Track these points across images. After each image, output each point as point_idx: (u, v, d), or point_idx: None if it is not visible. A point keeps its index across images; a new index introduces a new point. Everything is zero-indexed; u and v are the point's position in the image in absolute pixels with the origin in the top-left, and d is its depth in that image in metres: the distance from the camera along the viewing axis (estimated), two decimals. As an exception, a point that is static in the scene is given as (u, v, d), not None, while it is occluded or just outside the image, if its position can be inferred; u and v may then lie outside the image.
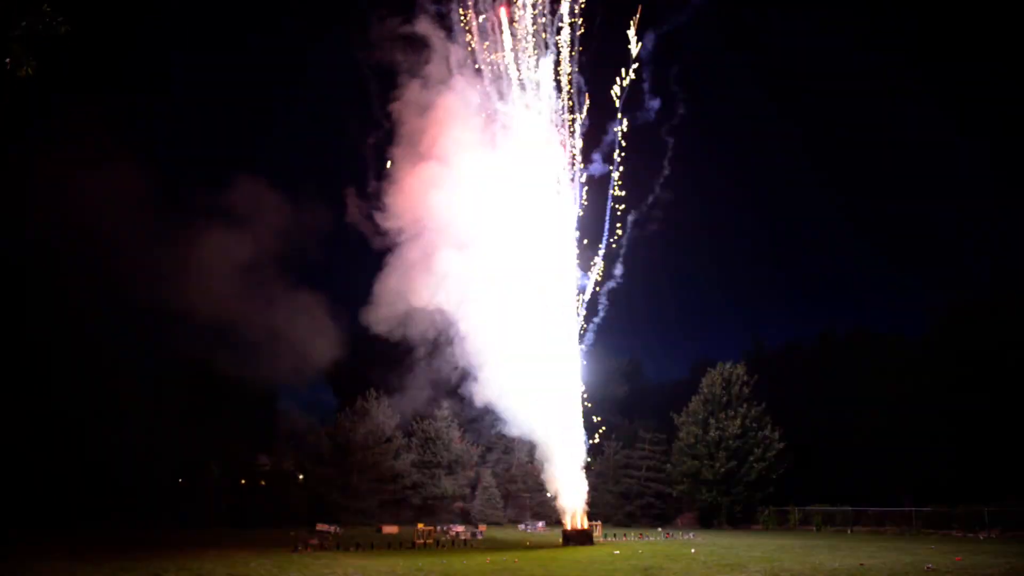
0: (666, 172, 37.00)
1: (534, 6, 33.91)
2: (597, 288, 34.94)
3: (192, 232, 41.61)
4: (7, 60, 10.81)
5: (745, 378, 52.08)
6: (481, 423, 58.58)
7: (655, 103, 35.46)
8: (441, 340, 35.96)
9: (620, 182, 34.83)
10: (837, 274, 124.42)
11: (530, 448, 39.39)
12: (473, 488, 57.53)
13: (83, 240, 40.73)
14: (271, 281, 43.74)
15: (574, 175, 34.66)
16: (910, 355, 52.08)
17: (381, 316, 35.57)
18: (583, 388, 35.29)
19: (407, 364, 47.26)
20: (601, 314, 35.24)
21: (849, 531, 43.65)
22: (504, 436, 54.80)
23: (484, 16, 34.24)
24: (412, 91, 34.37)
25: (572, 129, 34.69)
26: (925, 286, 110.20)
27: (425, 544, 32.92)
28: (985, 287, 52.53)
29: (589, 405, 35.38)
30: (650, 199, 36.58)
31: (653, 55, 34.93)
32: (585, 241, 34.82)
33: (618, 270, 35.14)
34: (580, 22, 33.87)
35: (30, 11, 10.74)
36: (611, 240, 34.73)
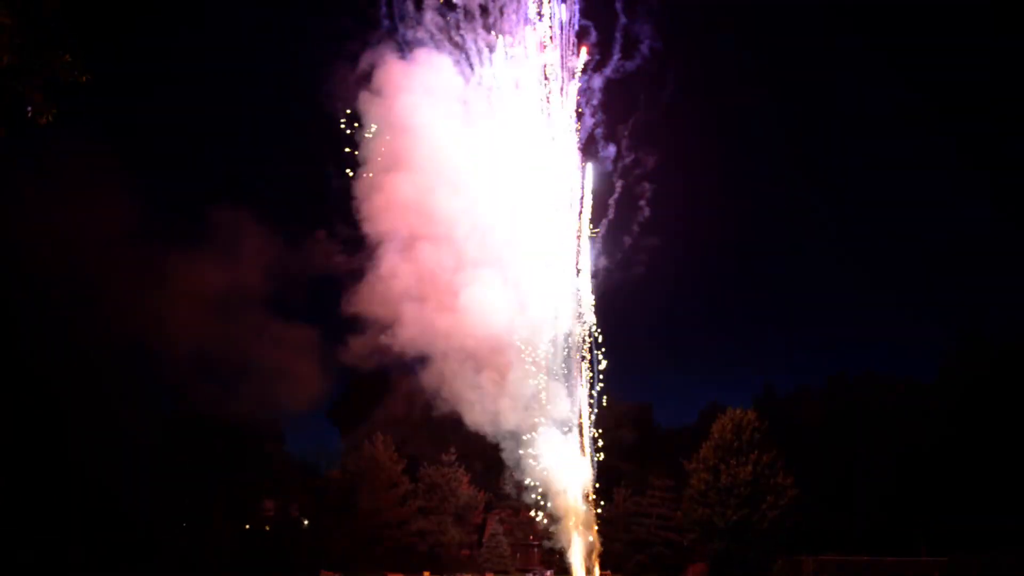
0: (645, 213, 36.85)
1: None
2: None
3: (176, 269, 41.94)
4: (28, 108, 11.12)
5: (756, 423, 51.30)
6: (489, 472, 57.83)
7: (610, 150, 35.76)
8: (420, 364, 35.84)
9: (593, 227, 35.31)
10: (847, 317, 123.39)
11: (539, 497, 38.74)
12: (480, 535, 56.60)
13: (81, 282, 41.19)
14: (260, 318, 43.88)
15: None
16: (922, 398, 51.42)
17: (357, 347, 35.90)
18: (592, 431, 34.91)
19: (393, 391, 47.02)
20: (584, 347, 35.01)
21: (865, 582, 42.62)
22: (513, 480, 54.15)
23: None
24: (378, 114, 34.70)
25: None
26: (936, 328, 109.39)
27: (431, 592, 32.35)
28: (998, 327, 52.05)
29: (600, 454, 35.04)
30: (628, 241, 36.57)
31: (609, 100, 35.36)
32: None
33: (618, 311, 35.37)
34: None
35: (51, 61, 10.99)
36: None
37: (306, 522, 55.97)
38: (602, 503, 37.99)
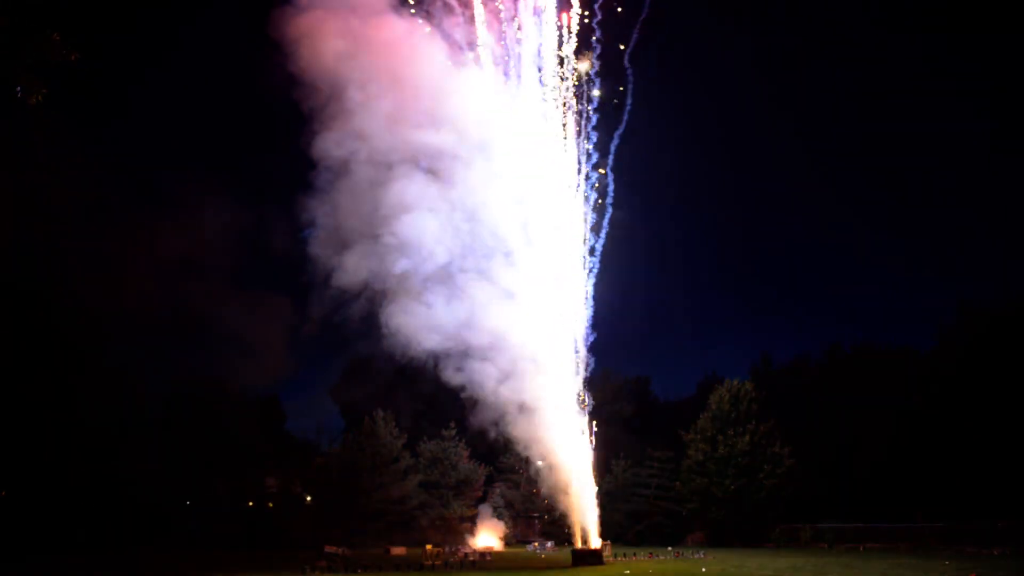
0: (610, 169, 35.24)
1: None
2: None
3: (141, 240, 41.13)
4: (18, 89, 11.04)
5: (753, 394, 51.69)
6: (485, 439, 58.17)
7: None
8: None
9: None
10: (844, 287, 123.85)
11: (539, 468, 38.81)
12: (481, 508, 57.15)
13: (84, 255, 40.73)
14: (234, 291, 43.41)
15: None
16: (920, 368, 51.66)
17: (314, 314, 34.38)
18: (590, 405, 34.88)
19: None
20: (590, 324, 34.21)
21: (861, 548, 43.13)
22: (513, 455, 54.49)
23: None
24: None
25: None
26: (936, 296, 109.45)
27: (434, 565, 32.68)
28: (997, 295, 52.14)
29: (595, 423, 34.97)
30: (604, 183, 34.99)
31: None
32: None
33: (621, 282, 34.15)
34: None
35: (40, 41, 11.03)
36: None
37: (308, 499, 56.39)
38: (602, 475, 38.10)
